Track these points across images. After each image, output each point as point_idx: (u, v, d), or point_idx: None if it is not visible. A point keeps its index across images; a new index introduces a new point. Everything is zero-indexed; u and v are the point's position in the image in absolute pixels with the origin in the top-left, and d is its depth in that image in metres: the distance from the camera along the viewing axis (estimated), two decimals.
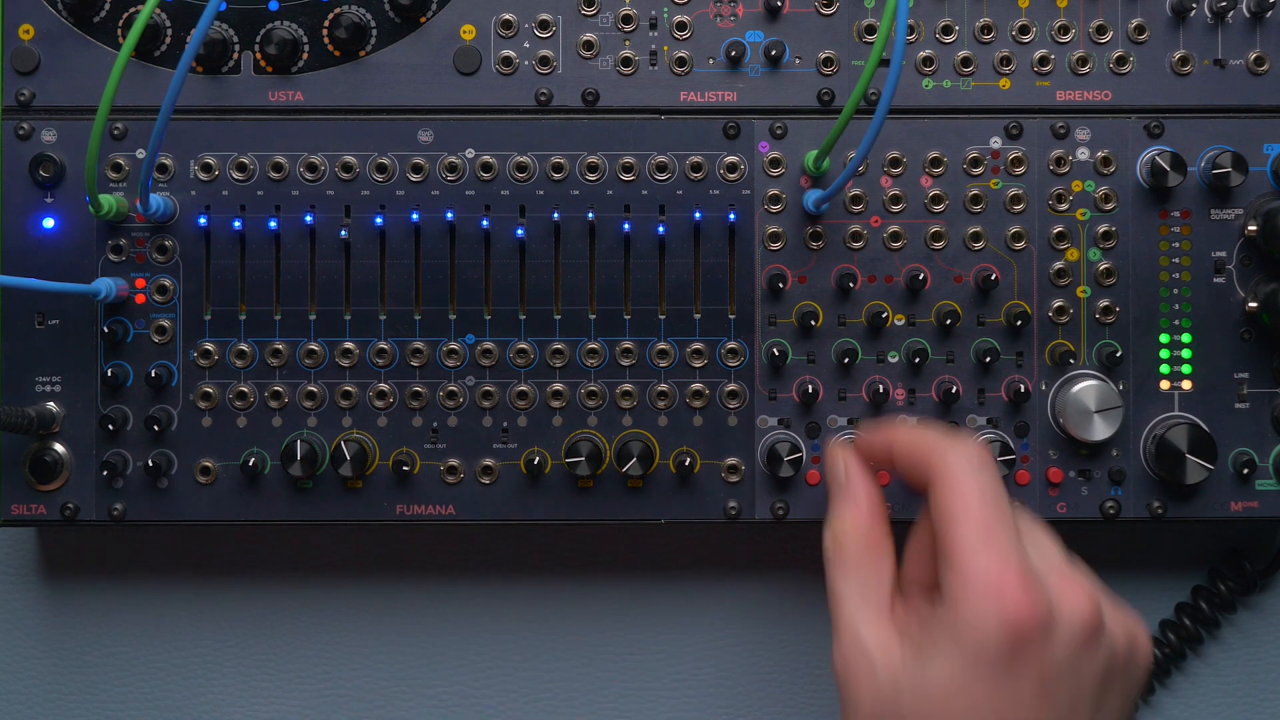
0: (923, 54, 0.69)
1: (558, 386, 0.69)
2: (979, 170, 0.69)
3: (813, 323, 0.69)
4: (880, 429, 0.64)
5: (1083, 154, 0.69)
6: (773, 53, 0.69)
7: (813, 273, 0.69)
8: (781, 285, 0.69)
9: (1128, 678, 0.59)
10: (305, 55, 0.70)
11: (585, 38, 0.69)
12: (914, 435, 0.62)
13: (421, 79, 0.70)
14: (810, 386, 0.68)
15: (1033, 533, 0.60)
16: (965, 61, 0.70)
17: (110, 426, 0.68)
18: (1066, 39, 0.70)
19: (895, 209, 0.69)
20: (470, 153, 0.69)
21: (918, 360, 0.69)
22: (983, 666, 0.55)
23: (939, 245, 0.69)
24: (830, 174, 0.69)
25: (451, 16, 0.70)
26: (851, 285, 0.69)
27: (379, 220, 0.69)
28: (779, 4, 0.69)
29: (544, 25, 0.70)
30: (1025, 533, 0.59)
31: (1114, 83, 0.70)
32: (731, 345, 0.69)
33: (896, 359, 0.69)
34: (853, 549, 0.61)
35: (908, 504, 0.68)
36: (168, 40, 0.69)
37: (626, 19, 0.69)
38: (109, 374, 0.69)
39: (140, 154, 0.69)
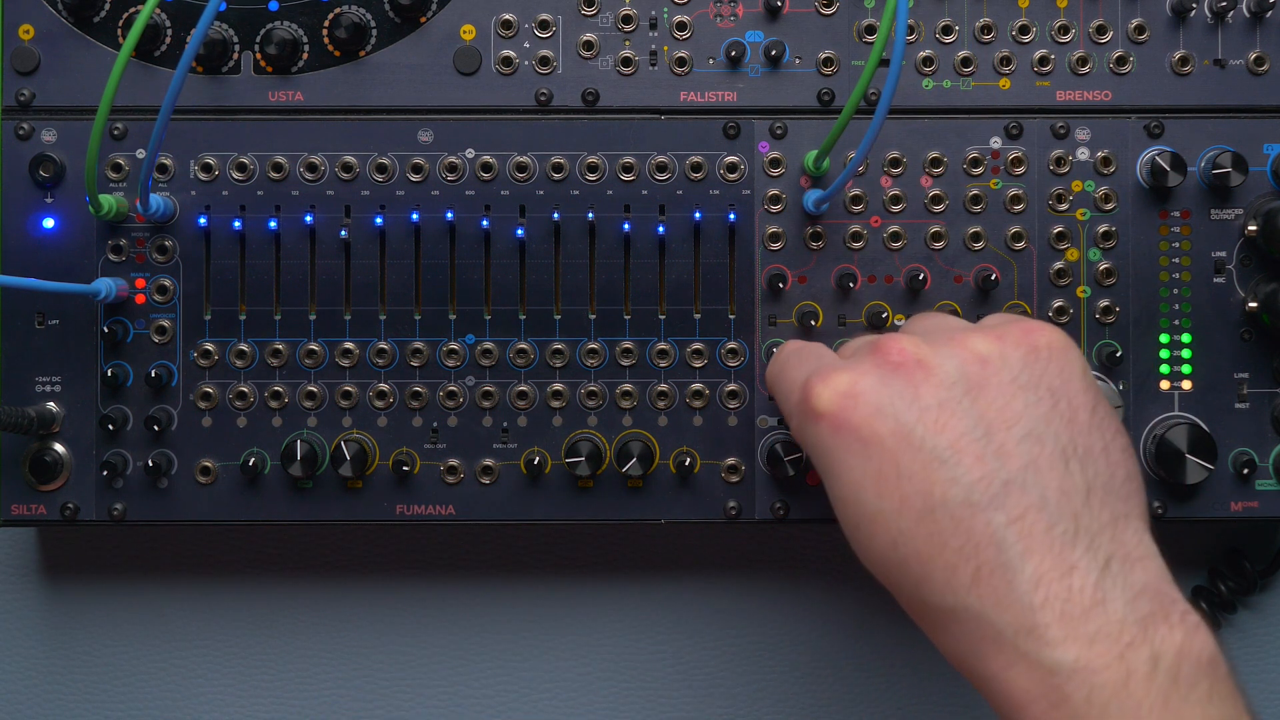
0: (923, 54, 0.69)
1: (558, 386, 0.69)
2: (979, 170, 0.69)
3: (813, 323, 0.69)
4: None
5: (1083, 154, 0.69)
6: (773, 53, 0.69)
7: (813, 273, 0.69)
8: (781, 285, 0.69)
9: (1016, 373, 0.54)
10: (305, 55, 0.70)
11: (585, 38, 0.69)
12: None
13: (421, 79, 0.70)
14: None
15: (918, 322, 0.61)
16: (965, 61, 0.70)
17: (110, 426, 0.68)
18: (1066, 39, 0.70)
19: (895, 209, 0.69)
20: (470, 153, 0.69)
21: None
22: (834, 463, 0.54)
23: (939, 245, 0.69)
24: (830, 174, 0.69)
25: (451, 16, 0.70)
26: (851, 285, 0.69)
27: (379, 220, 0.69)
28: (779, 4, 0.69)
29: (544, 25, 0.70)
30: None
31: (1114, 83, 0.70)
32: (731, 345, 0.69)
33: None
34: (790, 347, 0.63)
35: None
36: (168, 40, 0.69)
37: (626, 19, 0.69)
38: (109, 374, 0.69)
39: (140, 154, 0.69)
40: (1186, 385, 0.69)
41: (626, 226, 0.69)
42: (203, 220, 0.69)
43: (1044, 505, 0.51)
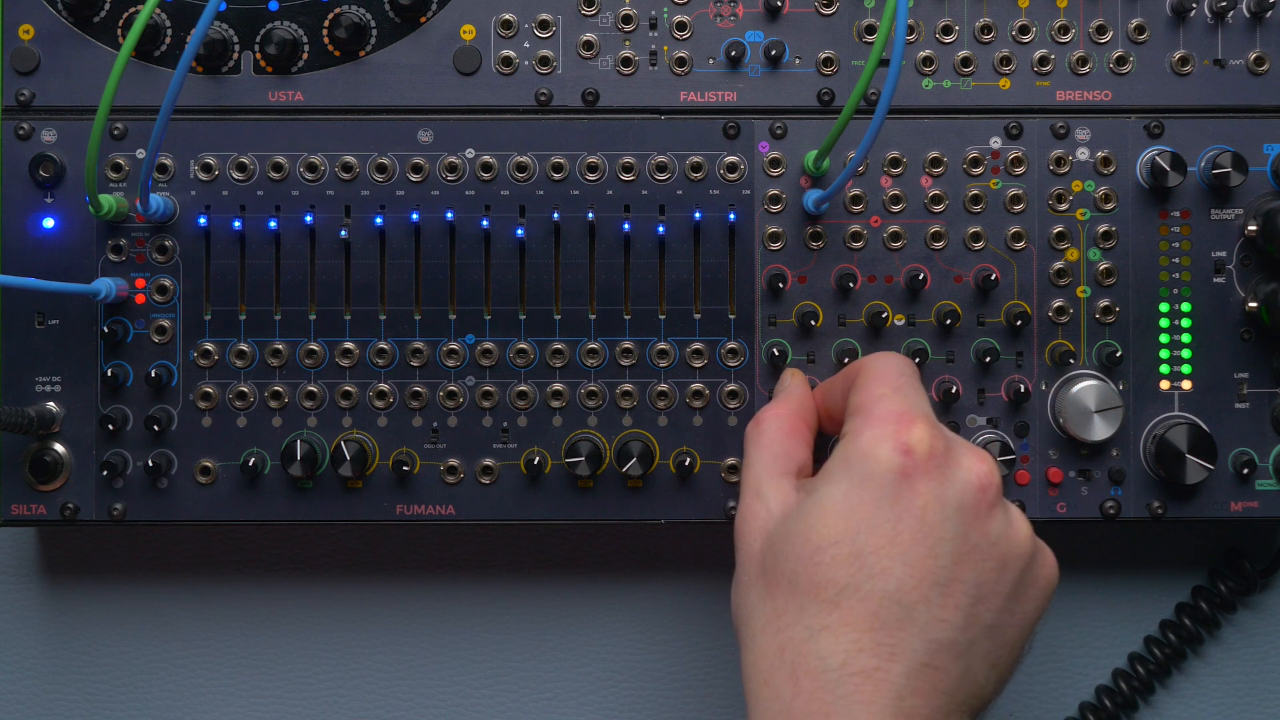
0: (923, 54, 0.69)
1: (558, 386, 0.69)
2: (979, 170, 0.69)
3: (813, 323, 0.69)
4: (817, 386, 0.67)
5: (1083, 154, 0.69)
6: (773, 53, 0.69)
7: (813, 273, 0.69)
8: (781, 285, 0.69)
9: (1024, 579, 0.57)
10: (305, 55, 0.70)
11: (585, 38, 0.69)
12: (841, 374, 0.64)
13: (421, 79, 0.70)
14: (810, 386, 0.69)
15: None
16: (965, 61, 0.70)
17: (110, 426, 0.68)
18: (1066, 39, 0.70)
19: (895, 209, 0.69)
20: (470, 153, 0.69)
21: (918, 360, 0.69)
22: (868, 489, 0.55)
23: (939, 245, 0.69)
24: (830, 174, 0.69)
25: (451, 16, 0.70)
26: (851, 285, 0.69)
27: (379, 220, 0.69)
28: (779, 4, 0.69)
29: (544, 25, 0.70)
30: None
31: (1114, 83, 0.70)
32: (731, 345, 0.69)
33: None
34: (771, 430, 0.62)
35: None
36: (168, 40, 0.69)
37: (626, 19, 0.69)
38: (109, 374, 0.69)
39: (140, 154, 0.69)
40: (1186, 385, 0.69)
41: (626, 226, 0.69)
42: (203, 220, 0.69)
43: (956, 681, 0.55)
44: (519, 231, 0.69)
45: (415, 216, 0.69)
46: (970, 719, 0.56)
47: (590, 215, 0.69)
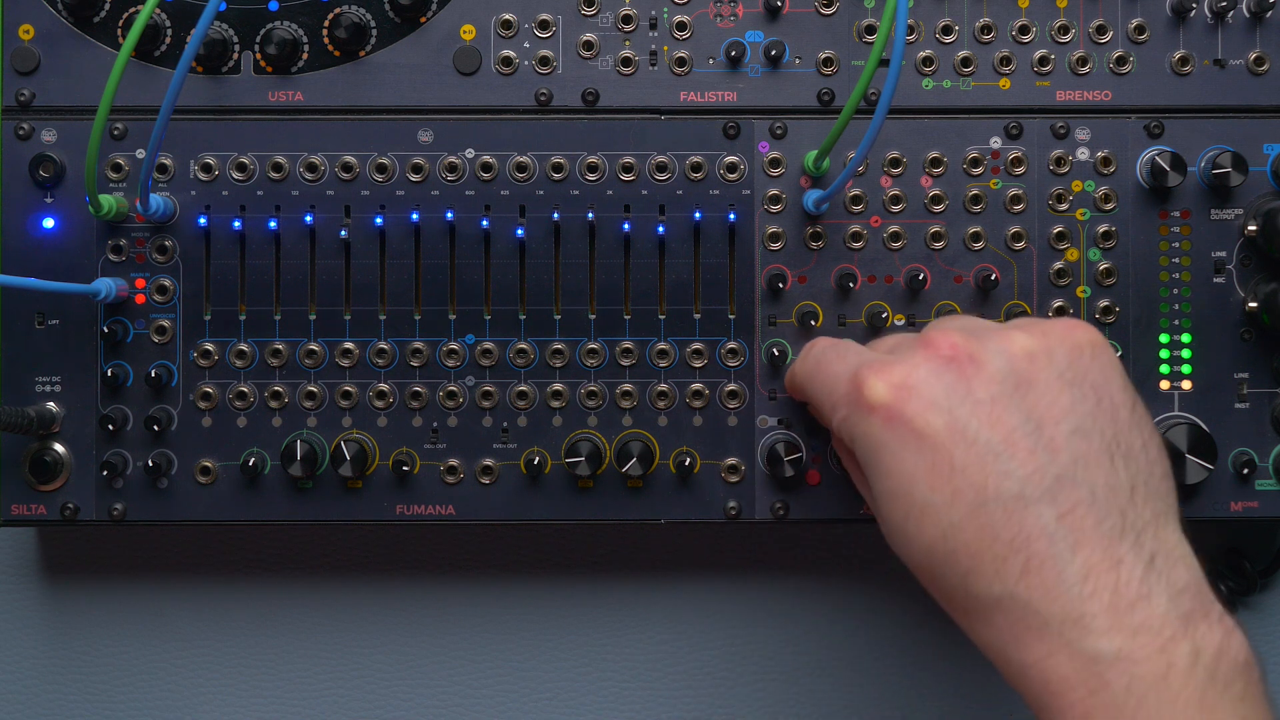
0: (923, 54, 0.69)
1: (558, 386, 0.69)
2: (979, 170, 0.69)
3: (813, 323, 0.69)
4: (787, 379, 0.68)
5: (1083, 154, 0.69)
6: (773, 53, 0.69)
7: (813, 273, 0.69)
8: (781, 285, 0.69)
9: (1062, 370, 0.55)
10: (305, 55, 0.70)
11: (585, 38, 0.69)
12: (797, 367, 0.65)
13: (421, 79, 0.70)
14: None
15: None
16: (965, 61, 0.70)
17: (110, 426, 0.68)
18: (1066, 39, 0.70)
19: (895, 209, 0.69)
20: (470, 153, 0.69)
21: None
22: (884, 458, 0.54)
23: (939, 245, 0.69)
24: (830, 174, 0.69)
25: (451, 16, 0.70)
26: (851, 285, 0.69)
27: (379, 220, 0.69)
28: (779, 4, 0.69)
29: (544, 25, 0.70)
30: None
31: (1114, 83, 0.70)
32: (731, 345, 0.69)
33: None
34: (822, 343, 0.63)
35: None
36: (168, 40, 0.69)
37: (626, 19, 0.69)
38: (109, 374, 0.69)
39: (140, 154, 0.69)
40: (1186, 385, 0.69)
41: (626, 226, 0.69)
42: (203, 220, 0.69)
43: (1093, 500, 0.52)
44: (519, 231, 0.69)
45: (415, 216, 0.69)
46: (1173, 501, 0.55)
47: (590, 215, 0.69)
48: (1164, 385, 0.69)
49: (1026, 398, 0.54)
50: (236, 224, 0.69)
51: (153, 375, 0.68)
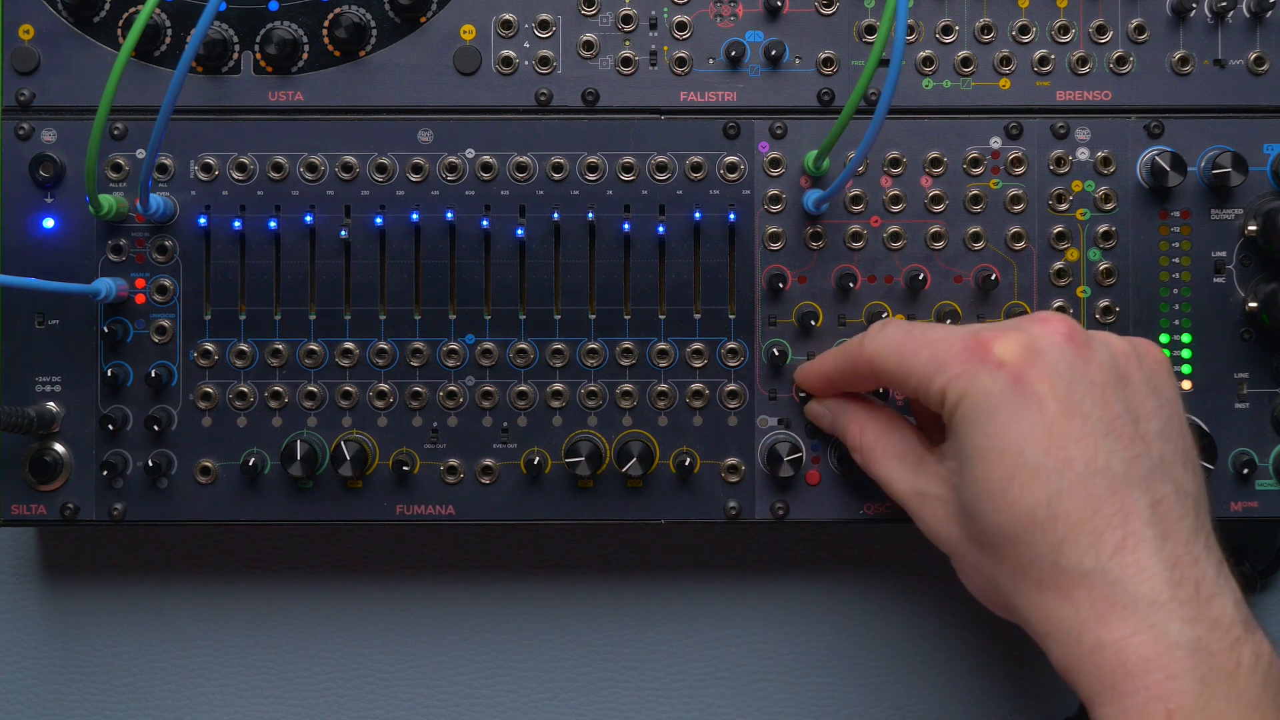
0: (923, 54, 0.69)
1: (558, 386, 0.69)
2: (979, 170, 0.69)
3: (813, 323, 0.69)
4: (804, 373, 0.68)
5: (1083, 154, 0.69)
6: (773, 53, 0.69)
7: (813, 273, 0.69)
8: (781, 285, 0.69)
9: (1148, 376, 0.59)
10: (305, 55, 0.70)
11: (585, 38, 0.69)
12: (831, 355, 0.66)
13: (421, 79, 0.70)
14: (794, 386, 0.68)
15: None
16: (965, 61, 0.70)
17: (110, 426, 0.68)
18: (1066, 39, 0.70)
19: (895, 209, 0.69)
20: (470, 153, 0.69)
21: None
22: (1002, 416, 0.56)
23: (939, 245, 0.69)
24: (830, 174, 0.69)
25: (451, 16, 0.70)
26: (851, 285, 0.69)
27: (379, 220, 0.69)
28: (779, 4, 0.69)
29: (544, 25, 0.70)
30: None
31: (1114, 83, 0.70)
32: (731, 345, 0.69)
33: None
34: (874, 442, 0.64)
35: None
36: (168, 40, 0.69)
37: (626, 19, 0.69)
38: (109, 374, 0.69)
39: (140, 154, 0.69)
40: (1186, 385, 0.69)
41: (626, 226, 0.69)
42: (203, 220, 0.69)
43: (1178, 497, 0.56)
44: (519, 231, 0.69)
45: (415, 216, 0.69)
46: (1207, 520, 0.57)
47: (590, 215, 0.69)
48: None
49: (1125, 391, 0.57)
50: (236, 224, 0.69)
51: (153, 375, 0.68)
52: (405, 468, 0.68)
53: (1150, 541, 0.54)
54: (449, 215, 0.69)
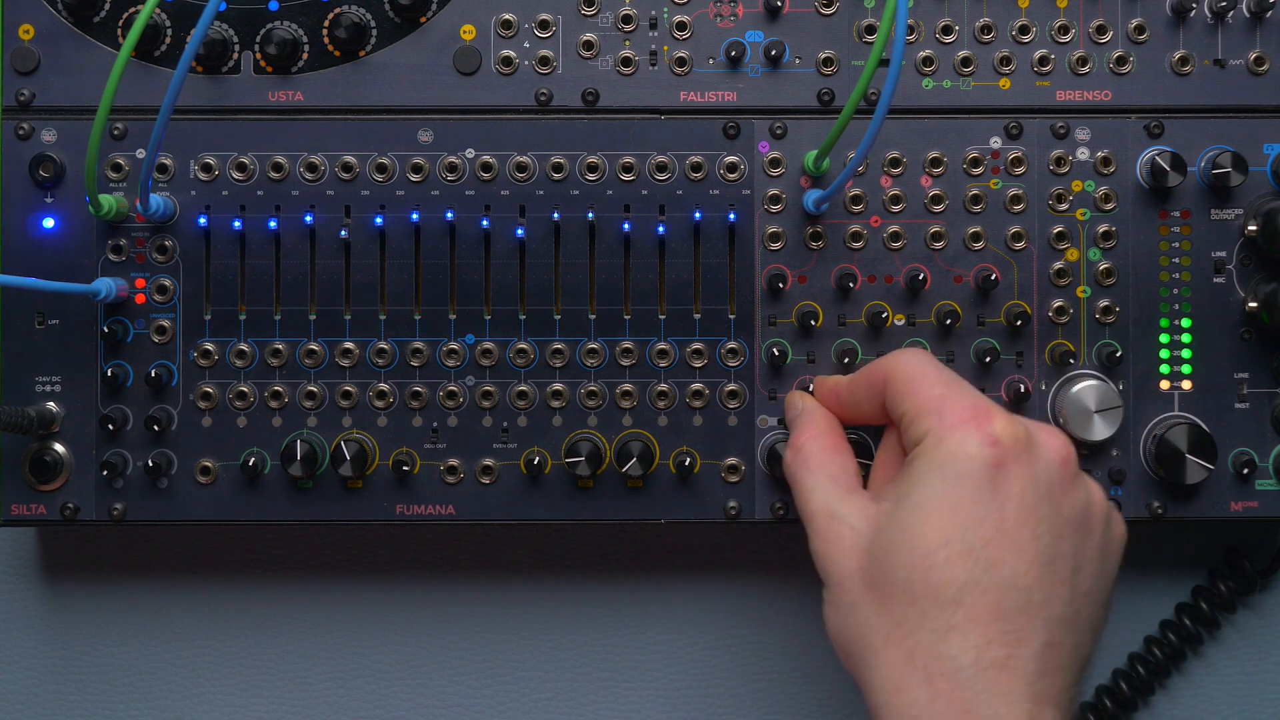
0: (923, 54, 0.69)
1: (558, 386, 0.69)
2: (979, 170, 0.69)
3: (813, 323, 0.69)
4: (821, 384, 0.67)
5: (1083, 154, 0.69)
6: (773, 53, 0.69)
7: (813, 273, 0.69)
8: (781, 285, 0.69)
9: (1106, 541, 0.59)
10: (305, 55, 0.70)
11: (585, 38, 0.69)
12: (851, 375, 0.65)
13: (421, 79, 0.70)
14: (810, 386, 0.68)
15: None
16: (965, 61, 0.70)
17: (110, 426, 0.68)
18: (1066, 39, 0.70)
19: (895, 209, 0.69)
20: (470, 153, 0.69)
21: None
22: (967, 486, 0.56)
23: (939, 245, 0.69)
24: (830, 174, 0.69)
25: (451, 16, 0.70)
26: (851, 285, 0.69)
27: (379, 220, 0.69)
28: (779, 4, 0.69)
29: (544, 25, 0.70)
30: None
31: (1114, 83, 0.70)
32: (731, 345, 0.69)
33: None
34: (815, 453, 0.63)
35: None
36: (168, 40, 0.69)
37: (626, 19, 0.69)
38: (109, 374, 0.69)
39: (140, 154, 0.69)
40: (1186, 385, 0.69)
41: (626, 226, 0.69)
42: (203, 220, 0.69)
43: (1071, 653, 0.57)
44: (519, 231, 0.69)
45: (415, 216, 0.69)
46: (1081, 685, 0.58)
47: (590, 215, 0.69)
48: (1164, 385, 0.69)
49: (1082, 538, 0.58)
50: (236, 224, 0.69)
51: (153, 375, 0.68)
52: (405, 468, 0.68)
53: (1028, 675, 0.54)
54: (449, 215, 0.69)
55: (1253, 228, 0.68)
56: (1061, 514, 0.57)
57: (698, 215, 0.69)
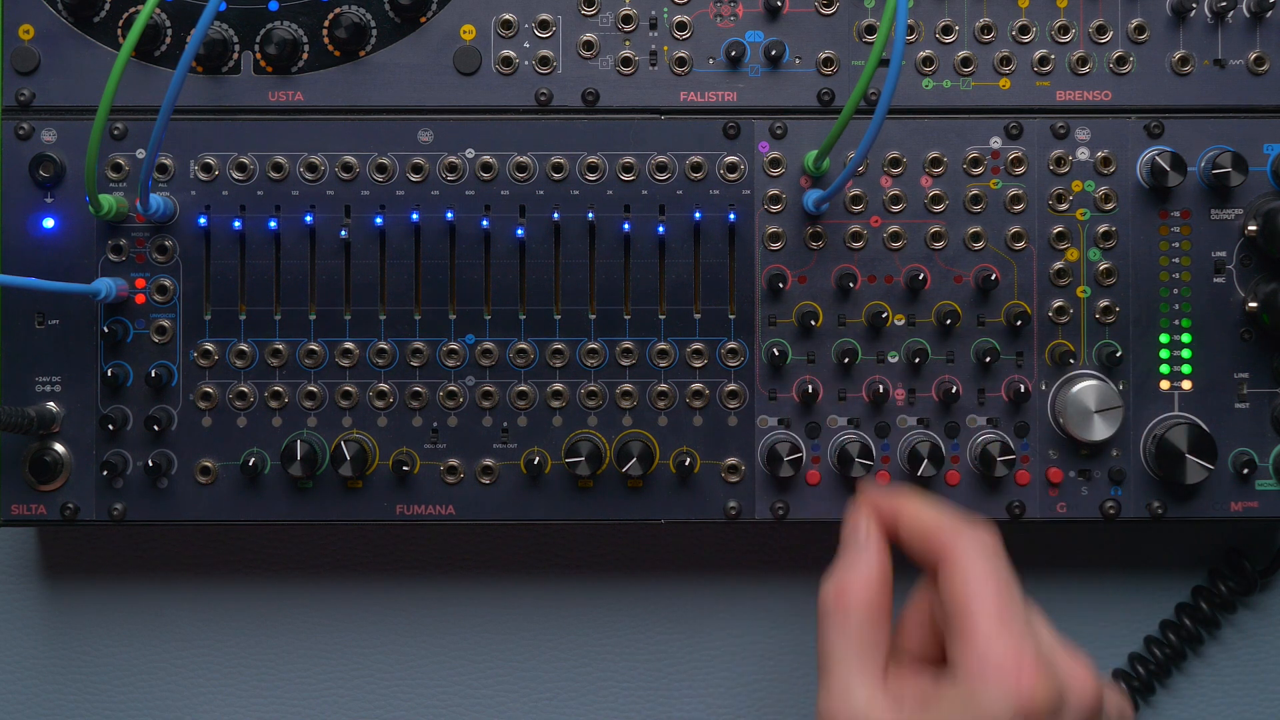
0: (923, 54, 0.69)
1: (558, 386, 0.69)
2: (979, 170, 0.69)
3: (813, 323, 0.69)
4: (892, 496, 0.62)
5: (1083, 154, 0.69)
6: (773, 53, 0.69)
7: (813, 273, 0.69)
8: (781, 285, 0.69)
9: None
10: (305, 55, 0.70)
11: (585, 38, 0.69)
12: (925, 514, 0.61)
13: (421, 79, 0.70)
14: (810, 386, 0.69)
15: (1033, 615, 0.59)
16: (965, 61, 0.70)
17: (110, 426, 0.68)
18: (1066, 39, 0.70)
19: (895, 209, 0.69)
20: (470, 153, 0.69)
21: (918, 360, 0.69)
22: None
23: (939, 245, 0.69)
24: (830, 174, 0.69)
25: (451, 16, 0.70)
26: (851, 285, 0.69)
27: (379, 220, 0.69)
28: (779, 4, 0.69)
29: (544, 25, 0.70)
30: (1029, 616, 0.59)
31: (1114, 83, 0.70)
32: (731, 345, 0.69)
33: (896, 359, 0.69)
34: (856, 612, 0.60)
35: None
36: (168, 40, 0.69)
37: (626, 19, 0.69)
38: (109, 374, 0.69)
39: (140, 154, 0.69)
40: (1186, 385, 0.69)
41: (626, 226, 0.69)
42: (203, 220, 0.69)
43: None
44: (519, 231, 0.69)
45: (415, 216, 0.69)
46: None
47: (590, 215, 0.69)
48: (1164, 385, 0.69)
49: None
50: (236, 224, 0.69)
51: (153, 375, 0.68)
52: (405, 468, 0.68)
53: None
54: (449, 215, 0.69)
55: (1253, 228, 0.68)
56: None
57: (698, 215, 0.69)
